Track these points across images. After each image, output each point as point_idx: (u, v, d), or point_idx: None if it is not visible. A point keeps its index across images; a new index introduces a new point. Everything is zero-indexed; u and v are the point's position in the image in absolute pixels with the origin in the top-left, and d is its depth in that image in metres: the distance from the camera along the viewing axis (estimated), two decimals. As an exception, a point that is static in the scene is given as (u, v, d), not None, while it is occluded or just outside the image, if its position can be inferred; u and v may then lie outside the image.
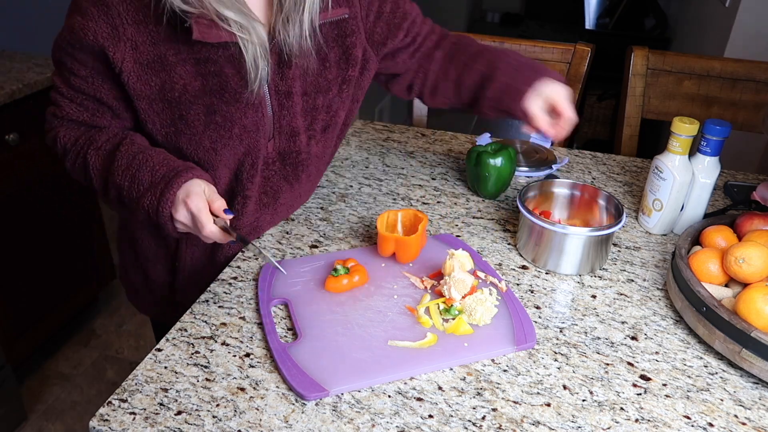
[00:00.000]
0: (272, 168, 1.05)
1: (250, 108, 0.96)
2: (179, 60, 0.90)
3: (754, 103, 1.55)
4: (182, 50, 0.90)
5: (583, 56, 1.58)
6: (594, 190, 1.11)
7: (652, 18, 3.72)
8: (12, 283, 1.92)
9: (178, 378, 0.80)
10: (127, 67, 0.89)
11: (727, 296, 0.92)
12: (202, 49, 0.90)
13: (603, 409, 0.79)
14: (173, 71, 0.90)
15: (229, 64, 0.91)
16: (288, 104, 0.99)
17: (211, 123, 0.94)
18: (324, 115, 1.06)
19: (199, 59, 0.91)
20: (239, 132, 0.96)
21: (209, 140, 0.95)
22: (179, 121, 0.94)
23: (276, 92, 0.98)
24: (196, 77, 0.91)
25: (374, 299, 0.93)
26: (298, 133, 1.03)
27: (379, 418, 0.76)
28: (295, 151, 1.05)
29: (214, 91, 0.93)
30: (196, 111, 0.93)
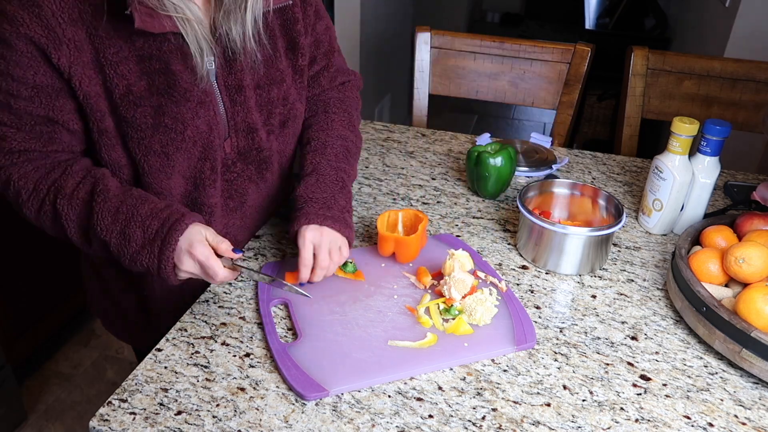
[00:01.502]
0: (233, 170, 0.99)
1: (201, 107, 0.90)
2: (120, 59, 0.83)
3: (754, 103, 1.55)
4: (123, 47, 0.83)
5: (583, 56, 1.58)
6: (594, 190, 1.11)
7: (652, 18, 3.72)
8: (12, 283, 1.91)
9: (178, 378, 0.80)
10: (76, 71, 0.82)
11: (727, 296, 0.92)
12: (144, 45, 0.84)
13: (603, 409, 0.79)
14: (114, 71, 0.83)
15: (174, 58, 0.85)
16: (240, 99, 0.94)
17: (160, 126, 0.87)
18: (281, 108, 1.00)
19: (142, 56, 0.84)
20: (192, 134, 0.90)
21: (159, 144, 0.88)
22: (124, 124, 0.87)
23: (226, 87, 0.92)
24: (140, 76, 0.85)
25: (374, 299, 0.93)
26: (255, 129, 0.97)
27: (379, 418, 0.76)
28: (256, 148, 0.99)
29: (162, 91, 0.86)
30: (142, 113, 0.86)
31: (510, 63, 1.64)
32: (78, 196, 0.86)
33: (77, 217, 0.86)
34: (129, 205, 0.85)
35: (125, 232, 0.84)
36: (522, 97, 1.67)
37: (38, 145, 0.86)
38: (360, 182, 1.30)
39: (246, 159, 1.00)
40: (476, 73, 1.67)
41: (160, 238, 0.83)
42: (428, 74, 1.68)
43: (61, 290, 2.13)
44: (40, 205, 0.87)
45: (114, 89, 0.84)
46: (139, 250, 0.84)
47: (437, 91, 1.70)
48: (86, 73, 0.83)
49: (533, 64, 1.63)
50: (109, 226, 0.84)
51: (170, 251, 0.83)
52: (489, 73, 1.66)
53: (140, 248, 0.84)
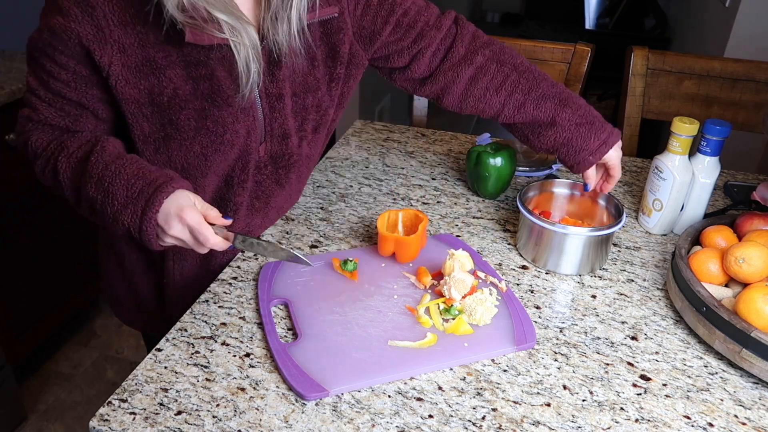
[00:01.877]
0: (264, 172, 1.02)
1: (241, 112, 0.93)
2: (169, 63, 0.86)
3: (754, 103, 1.55)
4: (171, 53, 0.86)
5: (583, 56, 1.58)
6: (594, 190, 1.11)
7: (652, 18, 3.72)
8: (12, 283, 1.91)
9: (178, 378, 0.80)
10: (115, 70, 0.85)
11: (727, 296, 0.92)
12: (192, 51, 0.86)
13: (603, 409, 0.79)
14: (162, 75, 0.86)
15: (220, 66, 0.88)
16: (279, 106, 0.97)
17: (202, 128, 0.91)
18: (314, 115, 1.03)
19: (189, 62, 0.87)
20: (231, 137, 0.93)
21: (200, 146, 0.92)
22: (169, 125, 0.90)
23: (267, 95, 0.95)
24: (186, 81, 0.88)
25: (374, 299, 0.93)
26: (289, 135, 1.01)
27: (379, 418, 0.76)
28: (287, 153, 1.03)
29: (206, 95, 0.89)
30: (186, 116, 0.90)
31: (510, 63, 1.64)
32: (76, 155, 0.88)
33: (72, 174, 0.88)
34: (119, 165, 0.85)
35: (109, 189, 0.84)
36: (522, 97, 1.67)
37: (65, 122, 0.91)
38: (360, 182, 1.30)
39: (276, 163, 1.03)
40: (476, 73, 1.67)
41: (144, 197, 0.83)
42: (428, 74, 1.68)
43: (61, 290, 2.13)
44: (45, 163, 0.91)
45: (162, 92, 0.88)
46: (121, 208, 0.84)
47: (437, 91, 1.69)
48: (125, 76, 0.86)
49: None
50: (96, 183, 0.85)
51: (153, 212, 0.82)
52: (489, 73, 1.66)
53: (122, 207, 0.84)
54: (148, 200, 0.83)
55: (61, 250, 2.10)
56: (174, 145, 0.92)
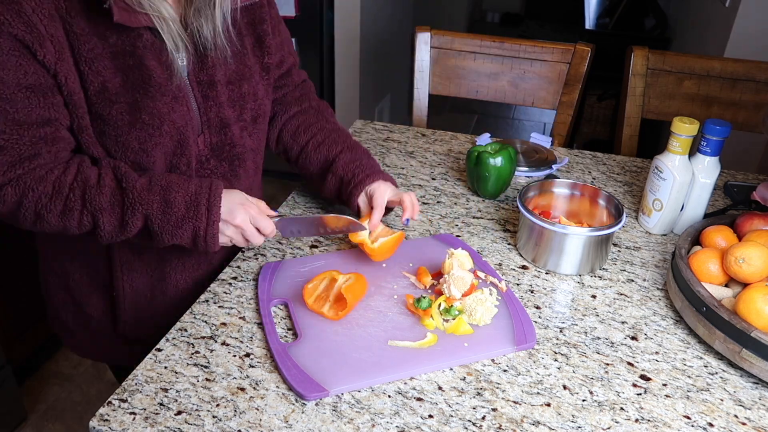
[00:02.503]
0: (207, 166, 0.98)
1: (176, 102, 0.90)
2: (95, 55, 0.83)
3: (754, 103, 1.55)
4: (97, 44, 0.83)
5: (583, 56, 1.58)
6: (594, 190, 1.11)
7: (652, 18, 3.72)
8: (12, 283, 1.91)
9: (178, 378, 0.80)
10: (61, 67, 0.81)
11: (727, 296, 0.92)
12: (117, 41, 0.84)
13: (603, 409, 0.79)
14: (90, 67, 0.83)
15: (148, 54, 0.86)
16: (212, 95, 0.94)
17: (137, 122, 0.87)
18: (252, 104, 1.01)
19: (115, 53, 0.84)
20: (169, 129, 0.89)
21: (137, 141, 0.88)
22: (100, 121, 0.86)
23: (198, 83, 0.93)
24: (115, 73, 0.85)
25: (374, 299, 0.93)
26: (228, 125, 0.98)
27: (379, 418, 0.76)
28: (228, 143, 0.99)
29: (137, 87, 0.86)
30: (118, 110, 0.86)
31: (510, 63, 1.64)
32: (105, 183, 0.85)
33: (109, 203, 0.85)
34: (158, 177, 0.88)
35: (167, 198, 0.86)
36: (522, 97, 1.67)
37: (45, 146, 0.84)
38: (360, 182, 1.30)
39: (219, 156, 0.99)
40: (476, 73, 1.67)
41: (204, 197, 0.86)
42: (428, 74, 1.68)
43: (61, 290, 2.12)
44: (64, 202, 0.85)
45: (89, 86, 0.84)
46: (185, 212, 0.85)
47: (437, 91, 1.70)
48: (68, 69, 0.82)
49: (533, 64, 1.63)
50: (147, 197, 0.85)
51: (217, 208, 0.86)
52: (489, 73, 1.66)
53: (185, 210, 0.86)
54: (209, 198, 0.87)
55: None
56: (110, 142, 0.88)
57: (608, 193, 1.09)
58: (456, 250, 0.95)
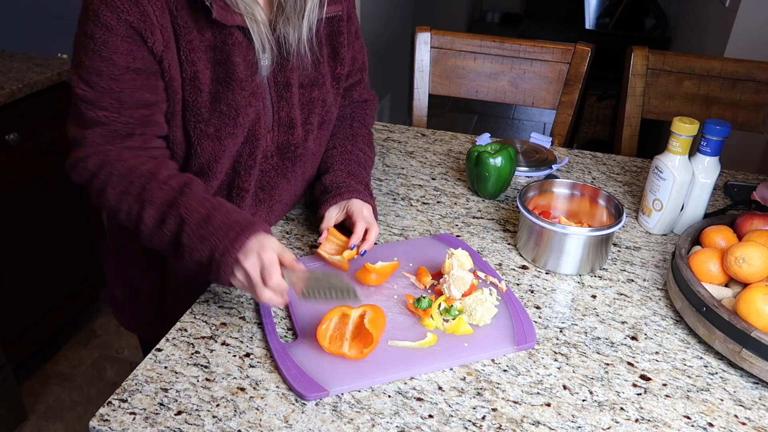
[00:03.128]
0: (270, 162, 1.05)
1: (253, 97, 0.97)
2: (193, 47, 0.91)
3: (754, 103, 1.55)
4: (196, 37, 0.91)
5: (583, 56, 1.58)
6: (594, 190, 1.11)
7: (652, 18, 3.72)
8: (12, 283, 1.91)
9: (178, 378, 0.80)
10: (167, 55, 0.89)
11: (727, 296, 0.92)
12: (212, 36, 0.92)
13: (603, 409, 0.79)
14: (187, 57, 0.91)
15: (236, 51, 0.93)
16: (287, 95, 1.01)
17: (215, 111, 0.95)
18: (320, 109, 1.07)
19: (209, 46, 0.92)
20: (243, 121, 0.97)
21: (214, 128, 0.96)
22: (185, 108, 0.95)
23: (275, 83, 1.00)
24: (206, 65, 0.93)
25: (374, 299, 0.93)
26: (295, 126, 1.04)
27: (379, 418, 0.76)
28: (293, 144, 1.05)
29: (221, 79, 0.94)
30: (203, 99, 0.94)
31: (510, 63, 1.64)
32: (170, 183, 0.89)
33: (162, 201, 0.88)
34: (216, 200, 0.89)
35: (209, 215, 0.86)
36: (522, 97, 1.67)
37: (139, 128, 0.92)
38: (360, 182, 1.30)
39: (283, 154, 1.06)
40: (476, 73, 1.67)
41: (239, 226, 0.85)
42: (428, 74, 1.68)
43: (61, 290, 2.13)
44: (127, 186, 0.89)
45: (183, 74, 0.92)
46: (214, 231, 0.85)
47: (437, 91, 1.70)
48: (172, 58, 0.90)
49: (533, 64, 1.63)
50: (195, 207, 0.87)
51: (242, 241, 0.84)
52: (489, 73, 1.66)
53: (215, 229, 0.85)
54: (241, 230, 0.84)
55: (61, 251, 2.10)
56: (190, 127, 0.96)
57: (608, 193, 1.09)
58: (456, 250, 0.95)
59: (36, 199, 1.95)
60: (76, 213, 2.13)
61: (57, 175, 2.00)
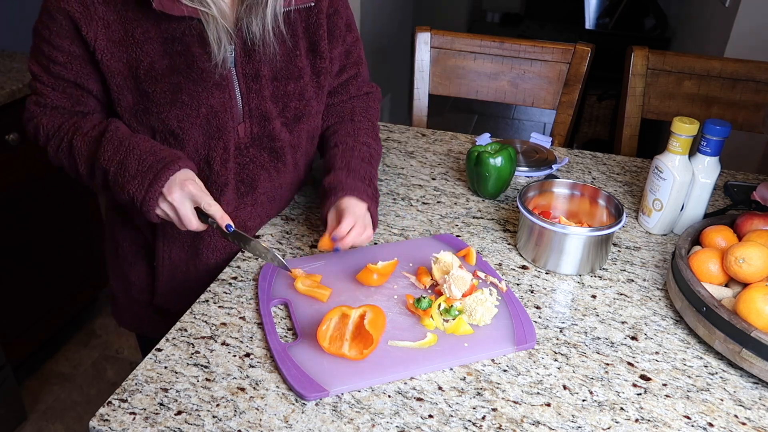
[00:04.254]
0: (246, 154, 1.05)
1: (217, 88, 0.97)
2: (147, 38, 0.93)
3: (754, 103, 1.54)
4: (149, 29, 0.93)
5: (583, 56, 1.58)
6: (594, 190, 1.11)
7: (652, 18, 3.72)
8: (12, 283, 1.91)
9: (178, 378, 0.80)
10: (101, 44, 0.92)
11: (727, 296, 0.92)
12: (168, 27, 0.93)
13: (603, 409, 0.79)
14: (140, 49, 0.93)
15: (195, 41, 0.94)
16: (256, 87, 1.01)
17: (176, 101, 0.96)
18: (296, 103, 1.06)
19: (166, 38, 0.93)
20: (206, 112, 0.97)
21: (176, 119, 0.97)
22: (146, 98, 0.96)
23: (243, 75, 0.99)
24: (163, 56, 0.94)
25: (374, 299, 0.93)
26: (269, 118, 1.04)
27: (379, 418, 0.76)
28: (268, 136, 1.05)
29: (181, 70, 0.95)
30: (161, 89, 0.95)
31: (510, 63, 1.64)
32: (91, 135, 0.97)
33: (87, 151, 0.96)
34: (132, 142, 0.94)
35: (123, 162, 0.93)
36: (522, 97, 1.67)
37: (68, 104, 0.99)
38: (360, 182, 1.30)
39: (259, 145, 1.06)
40: (476, 73, 1.67)
41: (153, 172, 0.91)
42: (428, 74, 1.68)
43: (61, 290, 2.13)
44: (59, 142, 0.98)
45: (139, 65, 0.94)
46: (130, 179, 0.92)
47: (437, 91, 1.70)
48: (110, 49, 0.93)
49: (533, 64, 1.63)
50: (111, 156, 0.94)
51: (159, 185, 0.91)
52: (489, 73, 1.66)
53: (131, 177, 0.92)
54: (156, 174, 0.91)
55: (61, 251, 2.10)
56: (152, 117, 0.97)
57: (608, 193, 1.09)
58: (439, 254, 0.95)
59: (36, 199, 1.95)
60: (76, 213, 2.13)
61: (57, 175, 2.00)
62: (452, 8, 4.55)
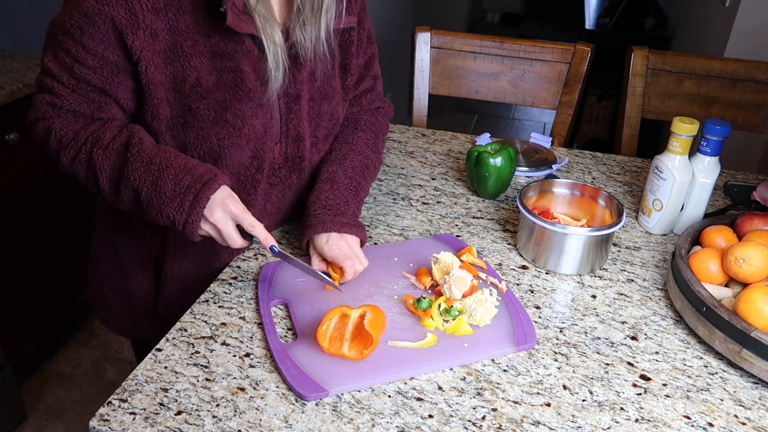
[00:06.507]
0: (278, 174, 1.03)
1: (260, 108, 0.94)
2: (195, 52, 0.88)
3: (754, 103, 1.54)
4: (199, 42, 0.88)
5: (583, 56, 1.58)
6: (594, 190, 1.11)
7: (652, 18, 3.73)
8: (12, 283, 1.91)
9: (178, 378, 0.80)
10: (146, 56, 0.86)
11: (727, 296, 0.92)
12: (220, 42, 0.89)
13: (603, 409, 0.79)
14: (188, 63, 0.88)
15: (246, 60, 0.91)
16: (296, 108, 0.99)
17: (220, 120, 0.92)
18: (327, 123, 1.06)
19: (215, 53, 0.89)
20: (248, 132, 0.94)
21: (216, 137, 0.93)
22: (188, 113, 0.91)
23: (285, 95, 0.97)
24: (211, 71, 0.90)
25: (374, 299, 0.93)
26: (303, 139, 1.02)
27: (379, 418, 0.76)
28: (299, 156, 1.03)
29: (228, 87, 0.91)
30: (206, 105, 0.91)
31: (510, 63, 1.64)
32: (113, 147, 0.89)
33: (110, 167, 0.89)
34: (162, 158, 0.88)
35: (157, 182, 0.87)
36: (522, 97, 1.67)
37: (88, 109, 0.90)
38: (360, 182, 1.30)
39: (291, 166, 1.04)
40: (476, 73, 1.67)
41: (192, 192, 0.86)
42: (428, 74, 1.68)
43: (61, 290, 2.13)
44: (76, 153, 0.90)
45: (186, 79, 0.89)
46: (168, 201, 0.86)
47: (437, 91, 1.70)
48: (154, 61, 0.87)
49: (533, 64, 1.63)
50: (142, 175, 0.87)
51: (201, 207, 0.86)
52: (489, 73, 1.66)
53: (169, 200, 0.86)
54: (196, 195, 0.86)
55: (61, 251, 2.10)
56: (191, 133, 0.93)
57: (608, 193, 1.09)
58: (439, 254, 0.95)
59: (36, 199, 1.95)
60: (76, 213, 2.13)
61: (57, 175, 2.00)
62: (452, 8, 4.55)
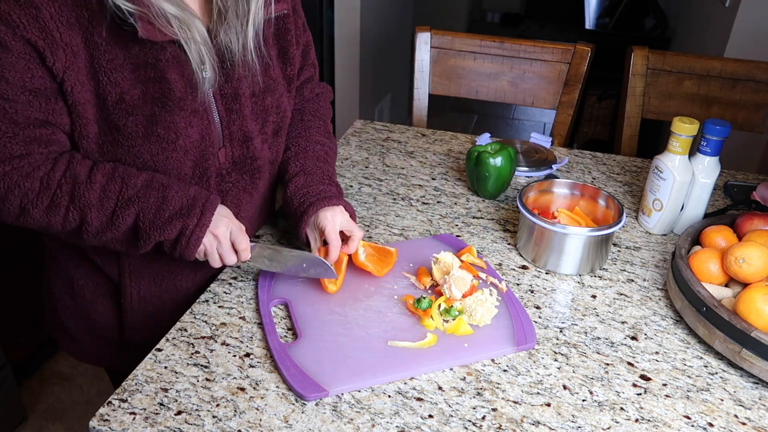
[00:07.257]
0: (228, 180, 0.97)
1: (195, 116, 0.88)
2: (114, 66, 0.82)
3: (754, 103, 1.54)
4: (118, 55, 0.82)
5: (583, 56, 1.58)
6: (594, 190, 1.11)
7: (652, 18, 3.72)
8: (12, 283, 1.91)
9: (178, 378, 0.80)
10: (70, 75, 0.80)
11: (727, 296, 0.92)
12: (140, 53, 0.82)
13: (603, 409, 0.79)
14: (108, 78, 0.82)
15: (171, 68, 0.84)
16: (236, 107, 0.93)
17: (151, 135, 0.86)
18: (274, 117, 1.00)
19: (137, 65, 0.83)
20: (184, 144, 0.88)
21: (149, 154, 0.87)
22: (116, 131, 0.85)
23: (222, 96, 0.91)
24: (135, 85, 0.83)
25: (374, 299, 0.93)
26: (251, 138, 0.96)
27: (379, 418, 0.76)
28: (250, 157, 0.98)
29: (156, 100, 0.85)
30: (134, 122, 0.84)
31: (510, 63, 1.64)
32: (95, 180, 0.84)
33: (98, 200, 0.84)
34: (160, 176, 0.88)
35: (165, 195, 0.86)
36: (522, 97, 1.67)
37: (38, 147, 0.83)
38: (360, 182, 1.30)
39: (241, 169, 0.98)
40: (476, 73, 1.67)
41: (201, 201, 0.88)
42: (428, 74, 1.68)
43: (61, 290, 2.12)
44: (51, 199, 0.83)
45: (107, 96, 0.83)
46: (178, 210, 0.86)
47: (437, 91, 1.70)
48: (79, 79, 0.81)
49: (533, 64, 1.63)
50: (145, 191, 0.86)
51: (210, 213, 0.88)
52: (489, 73, 1.66)
53: (179, 209, 0.87)
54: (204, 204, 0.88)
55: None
56: (120, 150, 0.87)
57: (608, 193, 1.09)
58: (439, 254, 0.95)
59: (36, 199, 1.94)
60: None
61: (57, 175, 2.00)
62: (452, 8, 4.54)
